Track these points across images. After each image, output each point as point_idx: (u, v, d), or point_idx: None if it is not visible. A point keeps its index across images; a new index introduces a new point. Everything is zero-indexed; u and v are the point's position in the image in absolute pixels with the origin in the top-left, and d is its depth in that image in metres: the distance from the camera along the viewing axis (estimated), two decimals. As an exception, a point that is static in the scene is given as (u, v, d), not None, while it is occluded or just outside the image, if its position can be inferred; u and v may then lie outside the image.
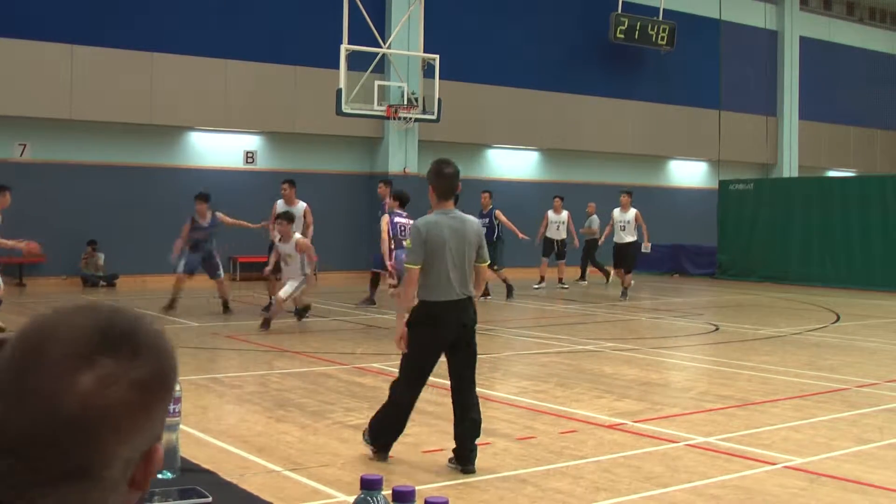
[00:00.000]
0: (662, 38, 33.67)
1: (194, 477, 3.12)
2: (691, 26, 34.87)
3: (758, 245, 28.55)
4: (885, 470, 7.53)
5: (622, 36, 32.89)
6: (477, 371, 7.74)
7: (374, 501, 2.15)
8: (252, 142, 27.66)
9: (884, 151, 42.75)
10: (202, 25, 25.89)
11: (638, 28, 33.11)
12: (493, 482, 7.03)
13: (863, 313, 20.56)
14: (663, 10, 33.67)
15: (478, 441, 7.48)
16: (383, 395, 10.50)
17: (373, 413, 8.53)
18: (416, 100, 25.62)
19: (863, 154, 41.91)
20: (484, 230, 17.54)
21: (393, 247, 17.22)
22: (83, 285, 24.10)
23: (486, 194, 23.41)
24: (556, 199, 26.57)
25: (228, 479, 3.45)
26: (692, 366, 13.71)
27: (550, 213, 26.38)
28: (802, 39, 39.52)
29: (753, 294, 24.30)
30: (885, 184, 27.06)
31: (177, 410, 3.14)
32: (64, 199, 24.28)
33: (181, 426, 3.18)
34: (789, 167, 39.12)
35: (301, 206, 18.13)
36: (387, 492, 2.14)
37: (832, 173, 40.33)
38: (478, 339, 7.72)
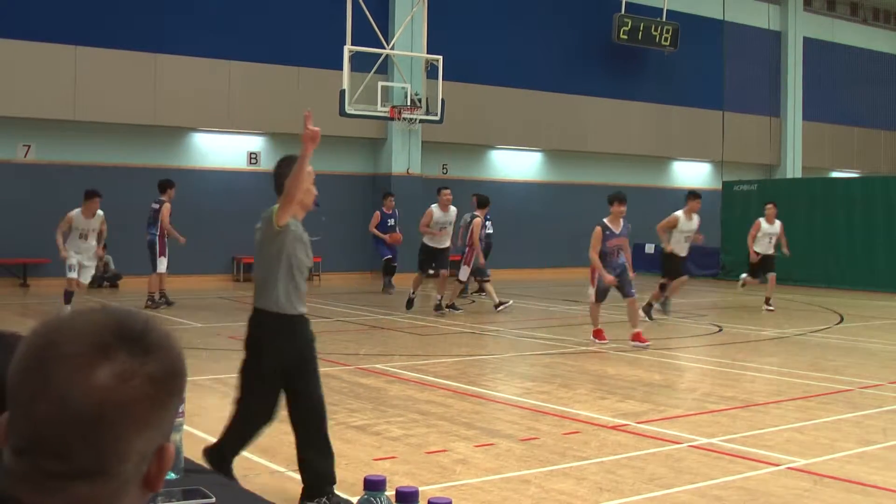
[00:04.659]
0: (666, 39, 33.65)
1: (198, 477, 3.12)
2: (695, 27, 34.85)
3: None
4: (888, 471, 7.52)
5: (626, 37, 32.87)
6: (480, 372, 7.71)
7: (377, 502, 2.15)
8: (255, 143, 27.68)
9: (887, 152, 42.71)
10: (205, 26, 25.90)
11: (641, 29, 33.10)
12: (496, 483, 7.03)
13: (866, 314, 20.55)
14: (667, 10, 33.65)
15: (481, 442, 7.47)
16: (386, 396, 10.54)
17: (375, 413, 8.57)
18: (420, 101, 25.63)
19: (866, 155, 41.89)
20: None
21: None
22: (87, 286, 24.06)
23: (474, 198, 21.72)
24: (770, 207, 22.11)
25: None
26: (696, 367, 13.70)
27: (763, 223, 21.98)
28: (806, 40, 39.50)
29: (757, 295, 24.27)
30: (889, 185, 27.05)
31: (181, 411, 3.14)
32: (67, 200, 24.25)
33: (185, 427, 3.18)
34: (793, 168, 39.10)
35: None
36: (390, 492, 2.14)
37: (836, 174, 40.30)
38: (482, 339, 7.72)
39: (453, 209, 19.65)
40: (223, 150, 27.14)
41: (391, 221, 24.01)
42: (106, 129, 24.94)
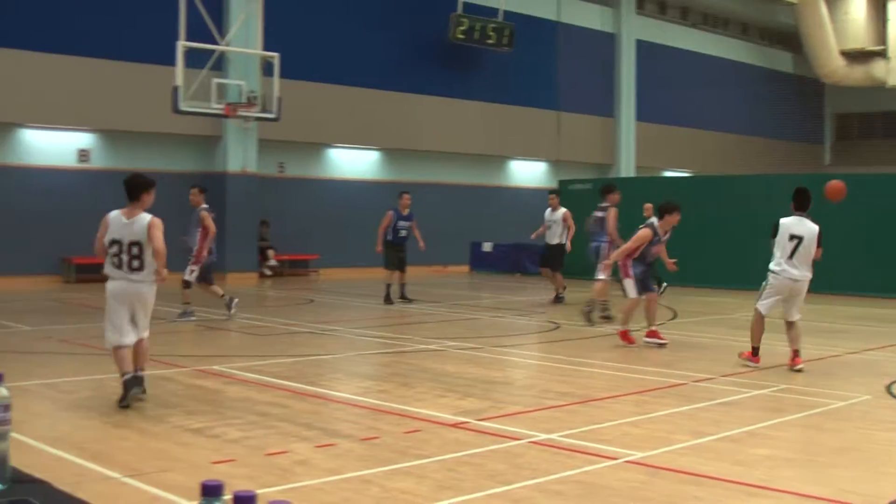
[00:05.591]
0: (501, 39, 34.02)
1: (26, 487, 2.98)
2: (530, 28, 35.34)
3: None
4: (719, 462, 7.71)
5: (462, 36, 33.12)
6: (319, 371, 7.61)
7: (216, 509, 2.07)
8: (86, 140, 26.92)
9: (715, 153, 44.07)
10: (36, 19, 25.09)
11: (477, 29, 33.39)
12: (337, 483, 6.96)
13: (697, 310, 21.11)
14: (503, 11, 34.04)
15: (321, 442, 7.37)
16: (224, 398, 10.37)
17: (213, 415, 8.40)
18: (256, 98, 25.33)
19: (696, 155, 43.14)
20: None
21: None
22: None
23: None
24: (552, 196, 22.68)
25: (63, 488, 3.31)
26: (534, 363, 13.85)
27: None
28: (638, 42, 40.45)
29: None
30: (718, 183, 27.83)
31: (6, 418, 2.99)
32: None
33: (12, 434, 3.03)
34: (626, 167, 39.98)
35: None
36: (228, 497, 2.07)
37: (668, 173, 41.40)
38: (321, 338, 7.61)
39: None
40: (51, 148, 26.32)
41: (403, 224, 21.86)
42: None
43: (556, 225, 22.19)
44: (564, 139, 36.86)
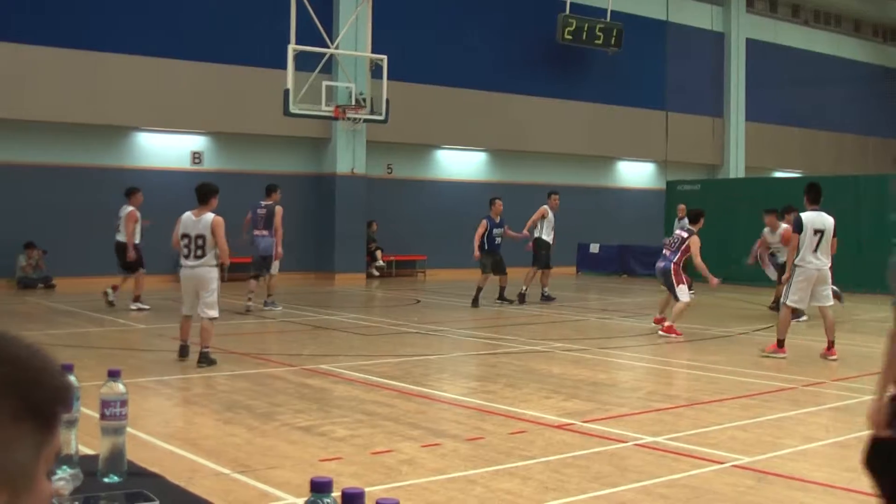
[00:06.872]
0: (609, 39, 33.80)
1: (141, 480, 3.07)
2: (638, 28, 35.04)
3: (704, 245, 28.68)
4: (829, 468, 7.59)
5: (570, 37, 32.97)
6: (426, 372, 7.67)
7: (324, 504, 2.12)
8: (199, 142, 27.45)
9: (827, 152, 43.20)
10: (149, 25, 25.63)
11: (585, 29, 33.21)
12: (442, 483, 7.01)
13: (809, 312, 20.72)
14: (611, 11, 33.81)
15: (427, 442, 7.43)
16: (332, 397, 10.51)
17: (321, 413, 8.51)
18: (364, 100, 25.52)
19: (807, 155, 42.34)
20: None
21: None
22: (17, 288, 23.58)
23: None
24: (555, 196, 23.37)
25: (176, 482, 3.41)
26: (640, 366, 13.77)
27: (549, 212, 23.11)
28: (748, 41, 39.86)
29: (700, 294, 24.41)
30: (830, 184, 27.26)
31: (123, 413, 3.09)
32: (1, 200, 23.92)
33: (128, 429, 3.13)
34: (735, 168, 39.43)
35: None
36: (337, 493, 2.12)
37: (778, 174, 40.72)
38: (427, 339, 7.67)
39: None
40: (166, 150, 26.88)
41: (498, 230, 22.17)
42: (46, 128, 24.60)
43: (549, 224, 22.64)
44: (673, 139, 36.46)
